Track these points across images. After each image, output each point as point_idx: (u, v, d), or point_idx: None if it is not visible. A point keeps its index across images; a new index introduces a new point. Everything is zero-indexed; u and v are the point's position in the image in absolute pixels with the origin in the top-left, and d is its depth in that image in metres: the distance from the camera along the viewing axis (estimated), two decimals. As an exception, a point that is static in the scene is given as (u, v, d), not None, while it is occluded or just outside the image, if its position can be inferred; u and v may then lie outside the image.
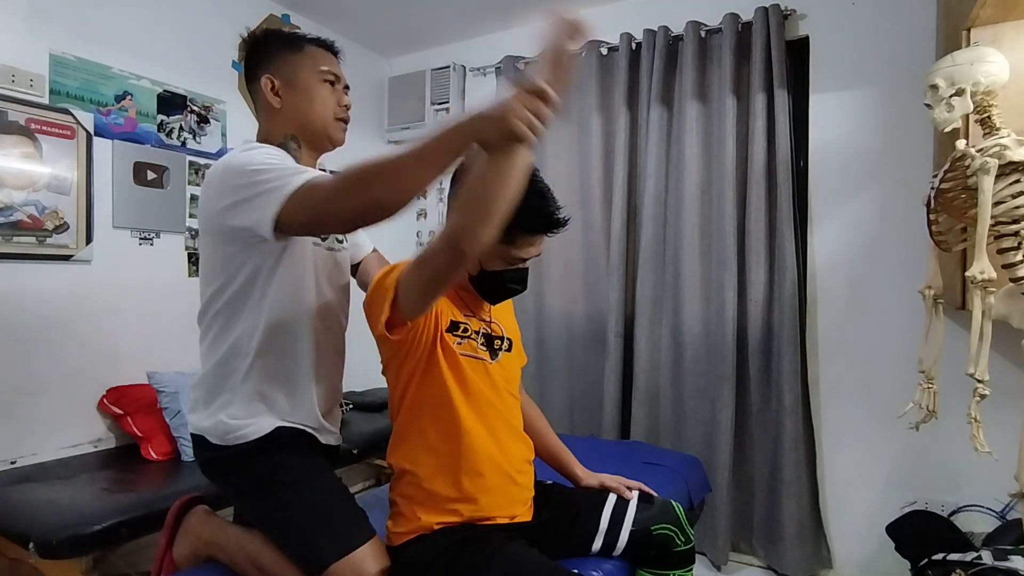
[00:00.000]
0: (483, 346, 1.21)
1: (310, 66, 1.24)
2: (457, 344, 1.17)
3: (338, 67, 1.29)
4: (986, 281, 1.33)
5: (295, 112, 1.24)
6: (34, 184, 1.98)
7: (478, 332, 1.21)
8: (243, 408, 1.19)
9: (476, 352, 1.20)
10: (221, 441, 1.20)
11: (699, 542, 2.28)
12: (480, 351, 1.21)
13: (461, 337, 1.18)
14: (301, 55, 1.24)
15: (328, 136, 1.28)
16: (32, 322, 1.98)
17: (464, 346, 1.18)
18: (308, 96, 1.23)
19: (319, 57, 1.26)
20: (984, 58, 1.37)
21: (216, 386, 1.21)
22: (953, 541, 1.67)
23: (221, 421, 1.19)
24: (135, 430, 2.07)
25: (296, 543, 1.17)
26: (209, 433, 1.21)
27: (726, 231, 2.37)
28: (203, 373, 1.24)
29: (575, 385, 2.74)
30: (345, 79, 1.31)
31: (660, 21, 2.54)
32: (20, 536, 1.49)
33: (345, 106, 1.28)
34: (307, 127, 1.25)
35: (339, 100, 1.27)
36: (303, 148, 1.27)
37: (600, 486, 1.35)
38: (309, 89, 1.23)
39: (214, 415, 1.20)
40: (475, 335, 1.20)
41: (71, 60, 2.08)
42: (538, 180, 1.17)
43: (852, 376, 2.28)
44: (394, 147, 0.97)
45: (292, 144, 1.25)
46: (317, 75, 1.24)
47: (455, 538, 1.11)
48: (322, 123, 1.25)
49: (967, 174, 1.37)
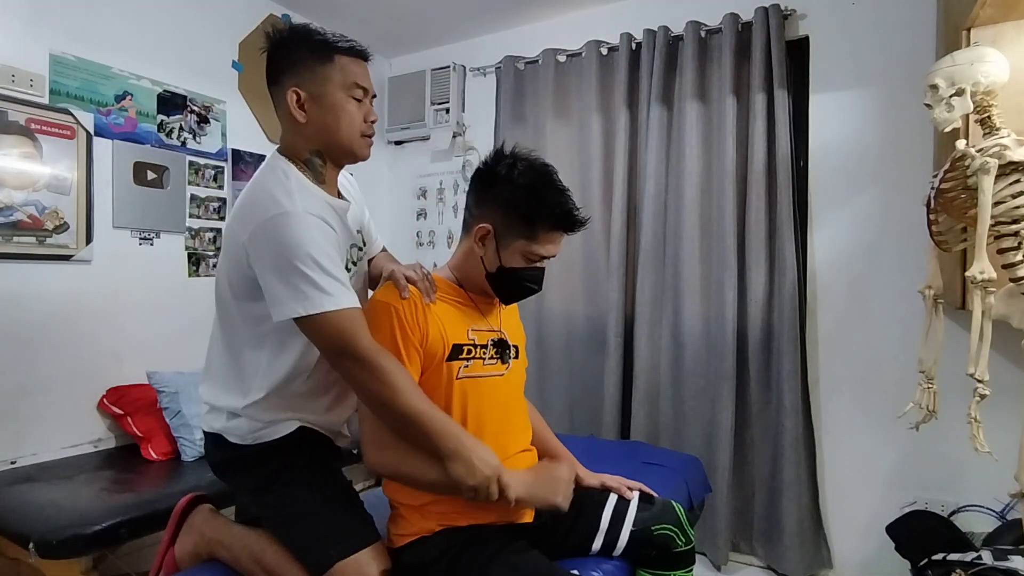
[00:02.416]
0: (493, 359, 1.22)
1: (339, 81, 1.17)
2: (464, 368, 1.17)
3: (368, 77, 1.22)
4: (986, 281, 1.33)
5: (321, 128, 1.18)
6: (34, 184, 1.98)
7: (486, 345, 1.21)
8: (271, 413, 1.21)
9: (483, 371, 1.20)
10: (241, 440, 1.21)
11: (699, 542, 2.28)
12: (488, 367, 1.21)
13: (467, 360, 1.18)
14: (331, 67, 1.16)
15: (353, 153, 1.23)
16: (32, 322, 1.98)
17: (471, 367, 1.18)
18: (335, 114, 1.17)
19: (349, 70, 1.18)
20: (984, 58, 1.37)
21: (243, 390, 1.21)
22: (953, 541, 1.67)
23: (246, 422, 1.21)
24: (135, 430, 2.07)
25: (303, 540, 1.17)
26: (230, 433, 1.22)
27: (726, 231, 2.37)
28: (224, 374, 1.24)
29: (575, 385, 2.74)
30: (373, 89, 1.23)
31: (660, 21, 2.54)
32: (20, 536, 1.49)
33: (372, 121, 1.22)
34: (332, 145, 1.20)
35: (366, 115, 1.21)
36: (328, 164, 1.23)
37: (601, 486, 1.35)
38: (336, 107, 1.17)
39: (235, 416, 1.22)
40: (483, 349, 1.21)
41: (71, 60, 2.08)
42: (557, 179, 1.20)
43: (852, 376, 2.28)
44: (435, 415, 1.10)
45: (317, 161, 1.21)
46: (345, 91, 1.17)
47: (456, 540, 1.11)
48: (348, 141, 1.20)
49: (967, 174, 1.37)
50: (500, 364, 1.23)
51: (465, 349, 1.18)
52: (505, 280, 1.21)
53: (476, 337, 1.20)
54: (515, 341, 1.30)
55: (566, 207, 1.18)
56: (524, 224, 1.17)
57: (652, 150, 2.53)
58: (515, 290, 1.24)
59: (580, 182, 2.72)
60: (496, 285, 1.22)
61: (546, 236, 1.18)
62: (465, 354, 1.17)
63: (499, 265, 1.19)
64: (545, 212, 1.16)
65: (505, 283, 1.22)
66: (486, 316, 1.25)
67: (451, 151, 3.19)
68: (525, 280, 1.22)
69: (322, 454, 1.28)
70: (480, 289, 1.25)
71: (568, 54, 2.79)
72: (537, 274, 1.23)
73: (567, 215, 1.18)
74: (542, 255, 1.20)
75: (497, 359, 1.23)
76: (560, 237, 1.21)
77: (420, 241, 3.31)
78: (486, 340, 1.22)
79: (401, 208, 3.37)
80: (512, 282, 1.21)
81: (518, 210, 1.17)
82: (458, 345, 1.17)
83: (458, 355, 1.16)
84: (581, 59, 2.74)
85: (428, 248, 3.29)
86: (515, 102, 2.92)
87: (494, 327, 1.25)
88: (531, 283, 1.23)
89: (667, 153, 2.54)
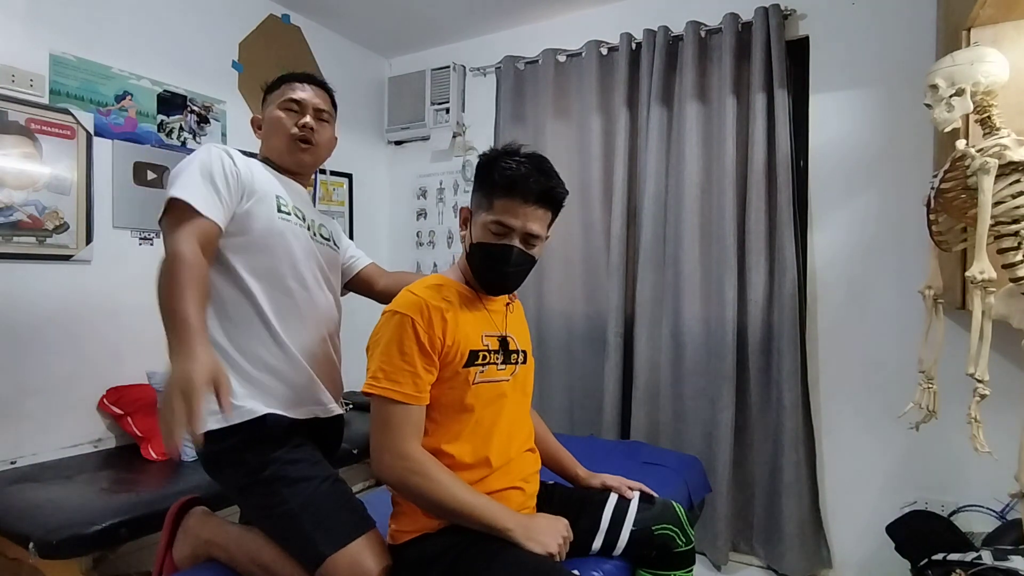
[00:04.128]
0: (503, 364, 1.22)
1: (276, 100, 1.38)
2: (480, 373, 1.17)
3: (307, 93, 1.38)
4: (986, 281, 1.34)
5: (265, 140, 1.41)
6: (34, 184, 1.98)
7: (497, 351, 1.21)
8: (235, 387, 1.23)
9: (495, 376, 1.20)
10: (216, 424, 1.21)
11: (699, 542, 2.29)
12: (499, 372, 1.21)
13: (482, 365, 1.18)
14: (275, 93, 1.39)
15: (289, 159, 1.39)
16: (32, 322, 1.98)
17: (486, 372, 1.18)
18: (271, 126, 1.38)
19: (286, 89, 1.38)
20: (984, 58, 1.37)
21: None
22: (953, 541, 1.67)
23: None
24: (135, 430, 2.07)
25: (294, 537, 1.18)
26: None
27: (726, 231, 2.37)
28: None
29: (575, 385, 2.74)
30: (316, 105, 1.39)
31: (660, 21, 2.54)
32: (20, 536, 1.48)
33: (301, 126, 1.36)
34: (272, 154, 1.39)
35: (296, 122, 1.36)
36: (281, 173, 1.39)
37: (602, 486, 1.35)
38: (271, 120, 1.38)
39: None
40: (496, 354, 1.21)
41: (71, 60, 2.08)
42: (521, 155, 1.18)
43: (852, 376, 2.28)
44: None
45: (269, 167, 1.38)
46: (279, 105, 1.37)
47: (458, 537, 1.11)
48: (280, 148, 1.38)
49: (967, 174, 1.37)
50: (507, 367, 1.23)
51: (480, 355, 1.18)
52: (475, 257, 1.21)
53: (489, 343, 1.21)
54: (522, 346, 1.30)
55: (516, 172, 1.14)
56: (483, 194, 1.19)
57: (652, 150, 2.54)
58: (486, 269, 1.20)
59: (580, 182, 2.72)
60: (472, 266, 1.23)
61: (501, 204, 1.15)
62: (480, 360, 1.18)
63: (471, 243, 1.21)
64: (496, 178, 1.15)
65: (475, 260, 1.21)
66: (494, 317, 1.25)
67: (451, 151, 3.19)
68: (490, 255, 1.18)
69: (299, 445, 1.27)
70: (482, 288, 1.25)
71: (568, 54, 2.79)
72: (504, 251, 1.17)
73: (515, 179, 1.14)
74: (503, 224, 1.15)
75: (505, 362, 1.23)
76: (520, 208, 1.15)
77: (420, 241, 3.31)
78: (496, 344, 1.22)
79: (401, 208, 3.38)
80: (481, 259, 1.20)
81: (479, 181, 1.20)
82: (474, 351, 1.17)
83: (474, 361, 1.17)
84: (581, 59, 2.74)
85: (428, 248, 3.29)
86: (515, 102, 2.92)
87: (500, 329, 1.25)
88: (497, 260, 1.17)
89: (667, 153, 2.54)
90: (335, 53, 3.04)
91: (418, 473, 1.08)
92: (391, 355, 1.11)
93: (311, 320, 1.34)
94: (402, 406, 1.10)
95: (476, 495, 1.11)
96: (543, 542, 1.10)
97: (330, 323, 1.40)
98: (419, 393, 1.11)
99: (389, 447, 1.10)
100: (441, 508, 1.10)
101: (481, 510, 1.09)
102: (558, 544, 1.12)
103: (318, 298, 1.35)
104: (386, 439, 1.10)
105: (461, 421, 1.17)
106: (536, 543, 1.09)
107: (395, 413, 1.10)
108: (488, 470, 1.18)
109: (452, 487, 1.09)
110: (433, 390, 1.14)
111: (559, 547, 1.12)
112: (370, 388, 1.12)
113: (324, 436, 1.38)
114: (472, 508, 1.09)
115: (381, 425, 1.11)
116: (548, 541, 1.11)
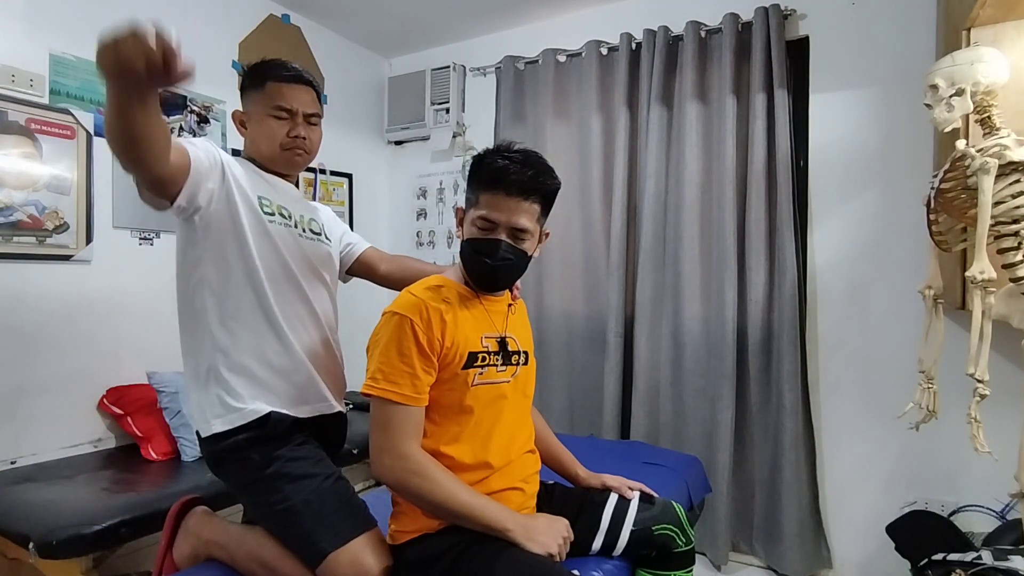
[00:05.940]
0: (502, 365, 1.22)
1: (265, 102, 1.36)
2: (479, 374, 1.17)
3: (297, 99, 1.36)
4: (986, 281, 1.34)
5: (251, 142, 1.39)
6: (34, 184, 1.98)
7: (497, 352, 1.21)
8: (235, 386, 1.25)
9: (495, 378, 1.20)
10: (222, 427, 1.24)
11: (699, 542, 2.29)
12: (499, 374, 1.21)
13: (481, 367, 1.18)
14: (260, 93, 1.36)
15: (277, 164, 1.38)
16: (32, 322, 1.98)
17: (486, 374, 1.18)
18: (259, 130, 1.37)
19: (275, 94, 1.35)
20: (984, 58, 1.37)
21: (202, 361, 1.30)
22: (953, 541, 1.67)
23: (217, 404, 1.25)
24: (135, 430, 2.07)
25: (295, 534, 1.18)
26: (205, 423, 1.26)
27: (726, 231, 2.37)
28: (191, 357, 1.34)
29: (575, 385, 2.74)
30: (306, 111, 1.38)
31: (660, 21, 2.54)
32: (20, 536, 1.48)
33: (294, 136, 1.36)
34: (259, 156, 1.39)
35: (289, 131, 1.35)
36: (265, 172, 1.39)
37: (602, 486, 1.35)
38: (260, 124, 1.36)
39: (204, 399, 1.28)
40: (495, 356, 1.21)
41: (71, 60, 2.08)
42: (512, 151, 1.17)
43: (852, 376, 2.28)
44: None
45: (255, 166, 1.38)
46: (268, 111, 1.35)
47: (458, 538, 1.11)
48: (270, 154, 1.37)
49: (967, 174, 1.37)
50: (507, 368, 1.23)
51: (480, 356, 1.18)
52: (465, 254, 1.21)
53: (489, 344, 1.21)
54: (524, 347, 1.30)
55: (500, 166, 1.14)
56: (471, 191, 1.20)
57: (652, 150, 2.53)
58: (474, 264, 1.20)
59: (580, 182, 2.72)
60: (464, 263, 1.23)
61: (486, 199, 1.15)
62: (480, 361, 1.18)
63: (462, 240, 1.21)
64: (480, 172, 1.16)
65: (465, 256, 1.21)
66: (494, 318, 1.25)
67: (451, 151, 3.20)
68: (477, 250, 1.17)
69: (302, 443, 1.28)
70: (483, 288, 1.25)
71: (568, 54, 2.79)
72: (490, 246, 1.15)
73: (498, 173, 1.13)
74: (487, 219, 1.15)
75: (505, 363, 1.23)
76: (504, 201, 1.14)
77: (420, 241, 3.31)
78: (496, 345, 1.22)
79: (401, 208, 3.37)
80: (470, 255, 1.19)
81: (469, 179, 1.21)
82: (473, 353, 1.17)
83: (473, 363, 1.16)
84: (581, 59, 2.74)
85: (428, 248, 3.29)
86: (515, 102, 2.92)
87: (500, 330, 1.25)
88: (484, 255, 1.16)
89: (667, 153, 2.54)
90: (335, 53, 3.04)
91: (417, 474, 1.08)
92: (390, 356, 1.11)
93: (310, 318, 1.35)
94: (401, 407, 1.10)
95: (476, 495, 1.11)
96: (543, 542, 1.10)
97: (328, 320, 1.41)
98: (418, 394, 1.11)
99: (388, 448, 1.10)
100: (441, 509, 1.10)
101: (481, 510, 1.09)
102: (558, 544, 1.12)
103: (313, 295, 1.36)
104: (385, 440, 1.10)
105: (460, 423, 1.17)
106: (536, 543, 1.09)
107: (394, 414, 1.10)
108: (488, 471, 1.18)
109: (452, 488, 1.09)
110: (432, 391, 1.14)
111: (559, 547, 1.12)
112: (369, 389, 1.12)
113: (327, 434, 1.38)
114: (472, 508, 1.09)
115: (380, 426, 1.11)
116: (548, 541, 1.11)
